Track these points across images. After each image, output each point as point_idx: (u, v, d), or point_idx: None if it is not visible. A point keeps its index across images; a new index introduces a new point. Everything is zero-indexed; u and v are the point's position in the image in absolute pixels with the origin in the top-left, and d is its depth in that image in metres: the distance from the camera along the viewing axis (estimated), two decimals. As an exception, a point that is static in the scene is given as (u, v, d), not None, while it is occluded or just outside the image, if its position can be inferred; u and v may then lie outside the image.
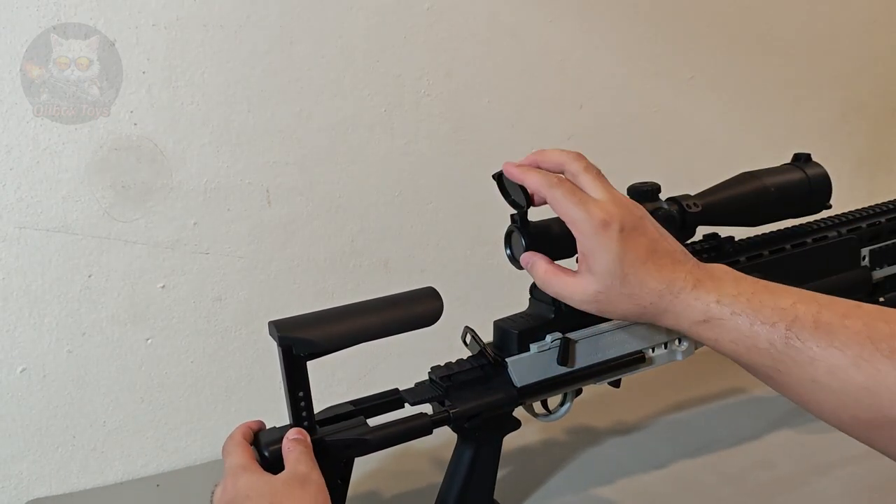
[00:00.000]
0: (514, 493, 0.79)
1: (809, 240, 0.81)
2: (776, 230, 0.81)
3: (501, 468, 0.74)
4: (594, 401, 0.86)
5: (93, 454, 0.88)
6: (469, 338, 0.71)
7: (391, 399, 0.69)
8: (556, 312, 0.70)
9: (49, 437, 0.86)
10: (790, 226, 0.82)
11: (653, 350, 0.74)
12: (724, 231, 0.78)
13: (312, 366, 0.62)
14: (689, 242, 0.76)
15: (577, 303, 0.60)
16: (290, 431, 0.61)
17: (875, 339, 0.48)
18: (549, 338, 0.70)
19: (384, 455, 0.67)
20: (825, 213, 0.81)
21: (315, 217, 0.94)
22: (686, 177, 0.82)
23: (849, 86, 1.32)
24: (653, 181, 0.71)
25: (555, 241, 0.66)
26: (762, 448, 0.85)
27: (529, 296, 0.72)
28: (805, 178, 0.76)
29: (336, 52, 0.91)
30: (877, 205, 0.87)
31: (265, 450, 0.61)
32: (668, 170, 0.86)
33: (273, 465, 0.60)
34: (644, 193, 0.70)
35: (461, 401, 0.68)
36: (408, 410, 0.69)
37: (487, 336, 0.72)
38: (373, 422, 0.67)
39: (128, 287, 0.86)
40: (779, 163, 0.79)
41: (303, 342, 0.60)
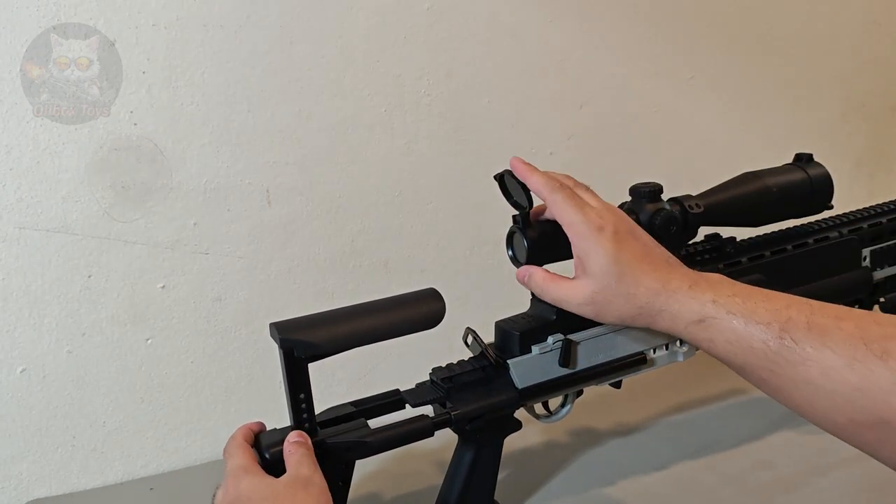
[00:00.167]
0: (515, 495, 0.79)
1: (811, 240, 0.81)
2: (778, 230, 0.81)
3: (502, 469, 0.74)
4: (595, 402, 0.86)
5: (93, 454, 0.88)
6: (470, 339, 0.71)
7: (392, 400, 0.69)
8: (558, 314, 0.69)
9: (49, 438, 0.86)
10: (791, 226, 0.82)
11: (654, 351, 0.74)
12: (726, 231, 0.78)
13: (313, 366, 0.62)
14: (691, 243, 0.76)
15: (576, 306, 0.63)
16: (292, 434, 0.61)
17: (868, 341, 0.48)
18: (551, 339, 0.70)
19: (385, 456, 0.67)
20: (826, 214, 0.81)
21: (315, 217, 0.94)
22: (686, 177, 0.82)
23: (849, 86, 1.32)
24: (655, 182, 0.71)
25: (556, 242, 0.66)
26: (762, 449, 0.85)
27: (531, 296, 0.72)
28: (807, 179, 0.76)
29: (336, 52, 0.91)
30: (878, 205, 0.87)
31: (266, 452, 0.61)
32: (669, 170, 0.86)
33: (274, 468, 0.60)
34: (646, 194, 0.70)
35: (462, 402, 0.68)
36: (409, 411, 0.69)
37: (488, 337, 0.72)
38: (374, 423, 0.67)
39: (128, 287, 0.86)
40: (779, 163, 0.79)
41: (304, 344, 0.60)
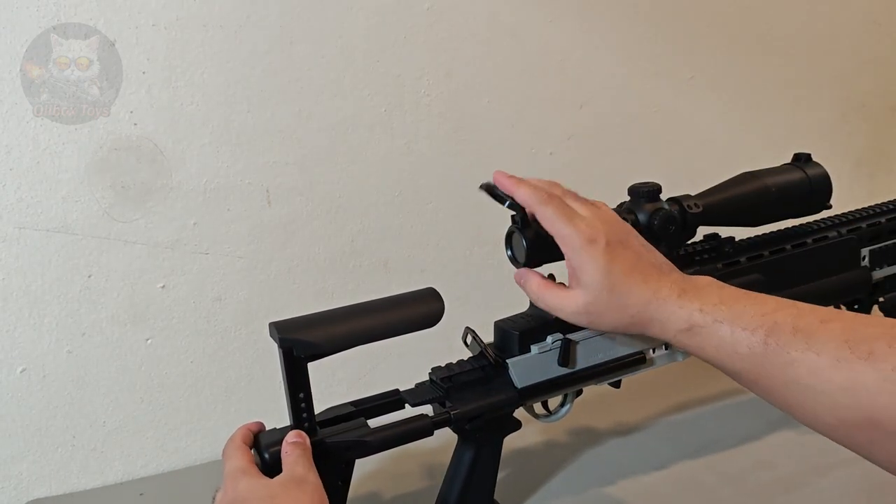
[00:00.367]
0: (515, 494, 0.79)
1: (810, 240, 0.81)
2: (776, 230, 0.81)
3: (502, 469, 0.74)
4: (595, 401, 0.86)
5: (93, 454, 0.88)
6: (470, 338, 0.71)
7: (392, 400, 0.69)
8: (557, 313, 0.69)
9: (49, 438, 0.86)
10: (790, 226, 0.82)
11: (653, 351, 0.74)
12: (725, 231, 0.78)
13: (312, 365, 0.62)
14: (690, 243, 0.76)
15: (569, 315, 0.63)
16: (289, 434, 0.61)
17: (853, 342, 0.49)
18: (550, 339, 0.70)
19: (384, 456, 0.67)
20: (825, 214, 0.81)
21: (315, 217, 0.94)
22: (686, 177, 0.82)
23: (849, 86, 1.32)
24: (654, 181, 0.71)
25: (555, 242, 0.66)
26: (762, 448, 0.85)
27: (531, 296, 0.72)
28: (805, 179, 0.76)
29: (336, 52, 0.91)
30: (877, 205, 0.87)
31: (265, 452, 0.61)
32: (668, 170, 0.86)
33: (273, 468, 0.60)
34: (645, 194, 0.70)
35: (462, 402, 0.68)
36: (408, 411, 0.69)
37: (488, 336, 0.72)
38: (373, 422, 0.67)
39: (128, 287, 0.86)
40: (779, 163, 0.79)
41: (304, 344, 0.60)
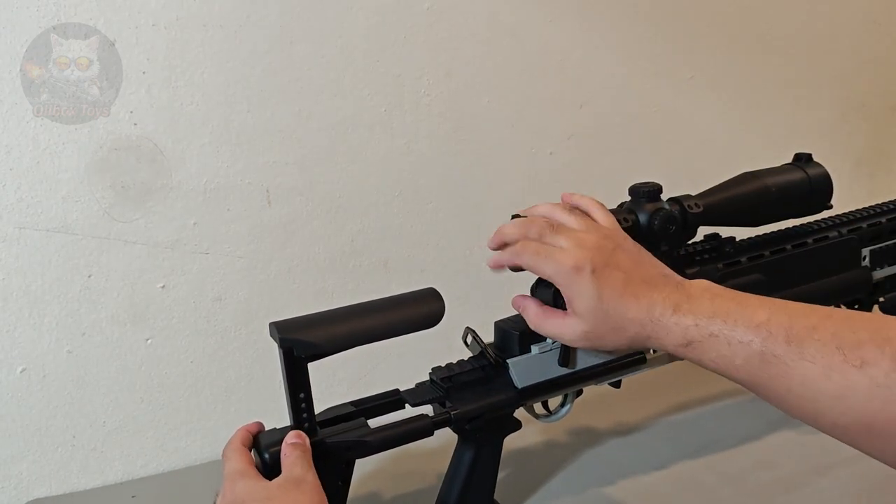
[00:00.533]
0: (515, 494, 0.79)
1: (810, 240, 0.81)
2: (777, 230, 0.81)
3: (502, 469, 0.74)
4: (595, 401, 0.86)
5: (93, 454, 0.88)
6: (470, 338, 0.71)
7: (392, 400, 0.69)
8: (557, 313, 0.69)
9: (49, 437, 0.86)
10: (791, 226, 0.82)
11: (653, 351, 0.74)
12: (726, 231, 0.78)
13: (313, 365, 0.62)
14: (691, 243, 0.75)
15: (569, 342, 0.64)
16: (289, 435, 0.61)
17: (844, 349, 0.49)
18: (550, 339, 0.70)
19: (384, 456, 0.67)
20: (826, 214, 0.81)
21: (315, 217, 0.94)
22: (686, 177, 0.82)
23: (849, 86, 1.32)
24: (654, 181, 0.71)
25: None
26: (763, 448, 0.85)
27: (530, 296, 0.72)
28: (806, 178, 0.76)
29: (336, 52, 0.91)
30: (877, 205, 0.87)
31: (265, 452, 0.61)
32: (668, 169, 0.86)
33: (273, 468, 0.60)
34: (645, 194, 0.70)
35: (462, 402, 0.68)
36: (408, 411, 0.69)
37: (488, 336, 0.72)
38: (373, 422, 0.67)
39: (127, 287, 0.86)
40: (779, 163, 0.79)
41: (304, 344, 0.60)
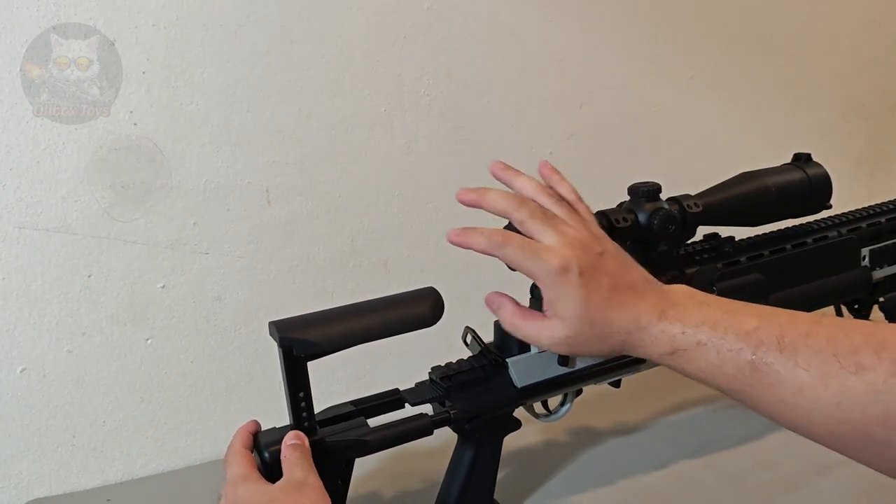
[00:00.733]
0: (515, 494, 0.79)
1: (810, 240, 0.81)
2: (776, 230, 0.81)
3: (502, 468, 0.74)
4: (594, 401, 0.86)
5: (93, 454, 0.88)
6: (469, 338, 0.71)
7: (391, 399, 0.69)
8: (557, 312, 0.69)
9: (49, 437, 0.86)
10: (790, 226, 0.82)
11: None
12: (725, 231, 0.78)
13: (312, 365, 0.62)
14: (690, 242, 0.76)
15: (547, 346, 0.60)
16: (288, 436, 0.61)
17: (840, 355, 0.48)
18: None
19: (384, 456, 0.67)
20: (825, 213, 0.81)
21: (315, 217, 0.94)
22: (686, 176, 0.82)
23: (849, 86, 1.32)
24: (653, 181, 0.71)
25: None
26: (763, 448, 0.85)
27: (530, 296, 0.72)
28: (805, 178, 0.76)
29: (336, 52, 0.91)
30: (877, 204, 0.87)
31: (265, 451, 0.61)
32: (668, 169, 0.86)
33: (273, 468, 0.60)
34: (645, 193, 0.70)
35: (462, 401, 0.68)
36: (408, 411, 0.69)
37: (488, 336, 0.72)
38: (373, 422, 0.67)
39: (127, 287, 0.86)
40: (779, 162, 0.79)
41: (303, 343, 0.60)
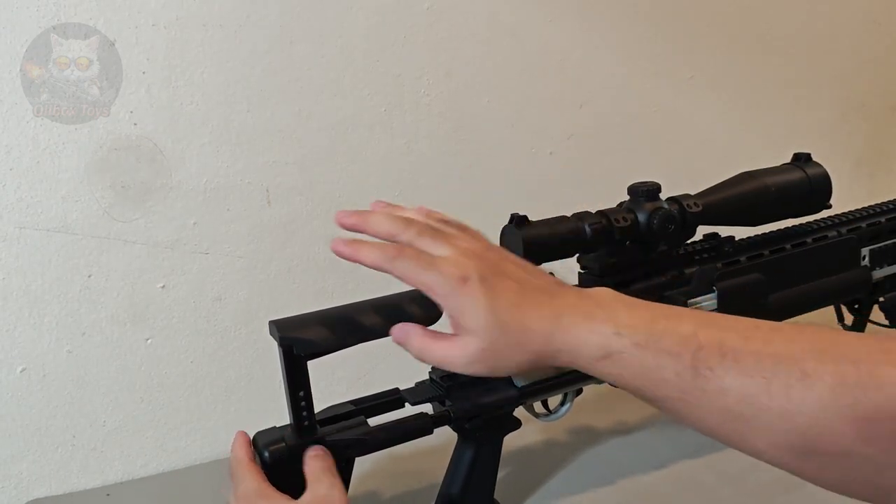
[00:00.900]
0: (515, 493, 0.79)
1: (809, 239, 0.81)
2: (776, 230, 0.81)
3: (502, 468, 0.74)
4: (595, 400, 0.86)
5: (93, 454, 0.88)
6: (469, 337, 0.71)
7: (392, 399, 0.69)
8: (557, 312, 0.69)
9: (49, 437, 0.86)
10: (790, 225, 0.82)
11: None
12: (725, 231, 0.78)
13: (312, 365, 0.62)
14: (690, 242, 0.76)
15: (463, 367, 0.53)
16: (310, 450, 0.60)
17: (783, 362, 0.45)
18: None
19: (384, 455, 0.67)
20: (825, 213, 0.81)
21: (315, 217, 0.94)
22: (686, 176, 0.82)
23: (849, 86, 1.32)
24: (653, 181, 0.71)
25: (554, 241, 0.66)
26: (762, 448, 0.85)
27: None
28: (805, 178, 0.76)
29: (336, 52, 0.91)
30: (877, 204, 0.87)
31: (265, 451, 0.61)
32: (668, 169, 0.86)
33: (273, 467, 0.60)
34: (644, 193, 0.70)
35: (462, 400, 0.68)
36: (408, 410, 0.69)
37: (488, 336, 0.72)
38: (373, 421, 0.67)
39: (127, 287, 0.86)
40: (779, 162, 0.79)
41: (303, 342, 0.60)
